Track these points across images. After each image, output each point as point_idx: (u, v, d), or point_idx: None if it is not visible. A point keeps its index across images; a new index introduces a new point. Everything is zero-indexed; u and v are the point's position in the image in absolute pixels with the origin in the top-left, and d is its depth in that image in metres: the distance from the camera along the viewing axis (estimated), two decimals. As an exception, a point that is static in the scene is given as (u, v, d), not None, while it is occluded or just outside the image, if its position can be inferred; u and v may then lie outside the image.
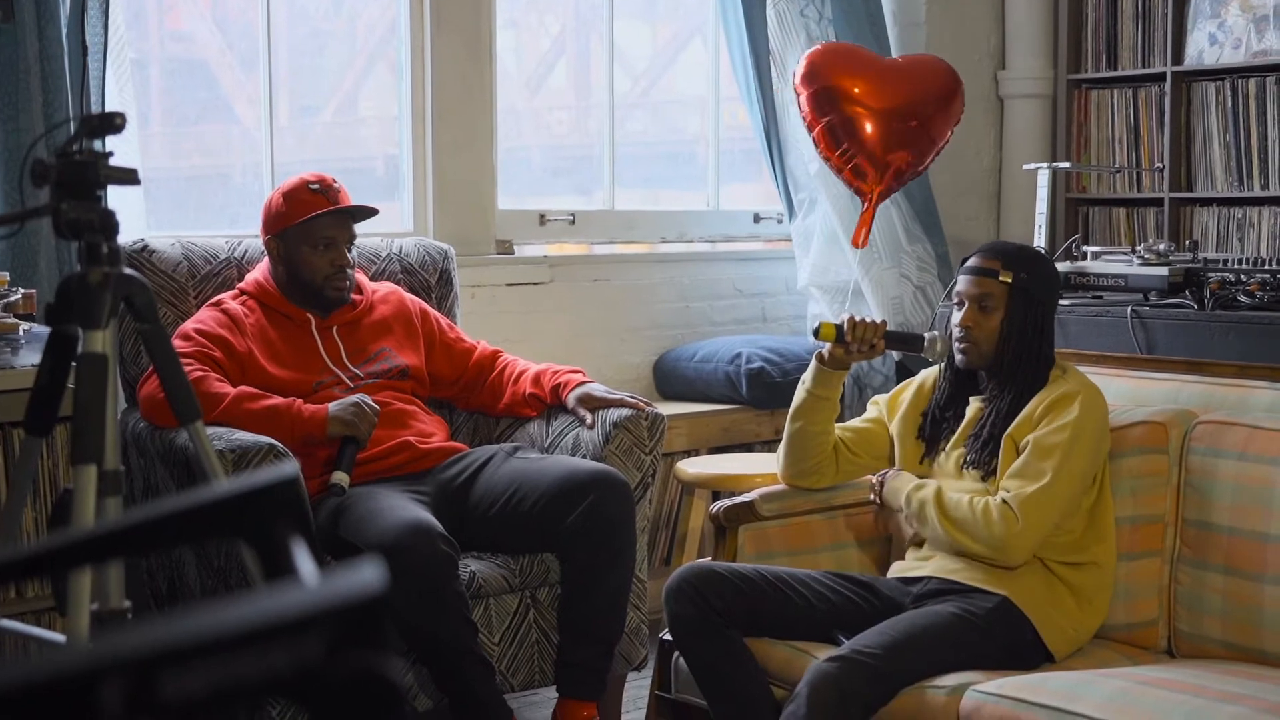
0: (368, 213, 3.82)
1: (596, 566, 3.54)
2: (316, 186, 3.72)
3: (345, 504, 3.48)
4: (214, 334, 3.63)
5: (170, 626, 0.82)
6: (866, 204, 4.84)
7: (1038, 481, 3.03)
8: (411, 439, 3.73)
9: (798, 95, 4.85)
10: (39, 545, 1.17)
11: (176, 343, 3.60)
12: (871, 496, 3.33)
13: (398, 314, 3.91)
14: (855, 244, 4.91)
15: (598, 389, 3.81)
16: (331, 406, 3.54)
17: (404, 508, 3.40)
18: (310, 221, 3.69)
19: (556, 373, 3.89)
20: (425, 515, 3.38)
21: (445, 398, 4.04)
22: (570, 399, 3.79)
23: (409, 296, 4.00)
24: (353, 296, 3.82)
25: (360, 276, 3.89)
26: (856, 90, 4.77)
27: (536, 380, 3.90)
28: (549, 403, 3.89)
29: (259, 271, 3.82)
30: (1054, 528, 3.08)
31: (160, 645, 0.82)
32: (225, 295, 3.79)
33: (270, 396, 3.53)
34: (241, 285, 3.81)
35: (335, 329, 3.78)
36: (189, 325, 3.67)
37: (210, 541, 3.32)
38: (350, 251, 3.76)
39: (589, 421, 3.73)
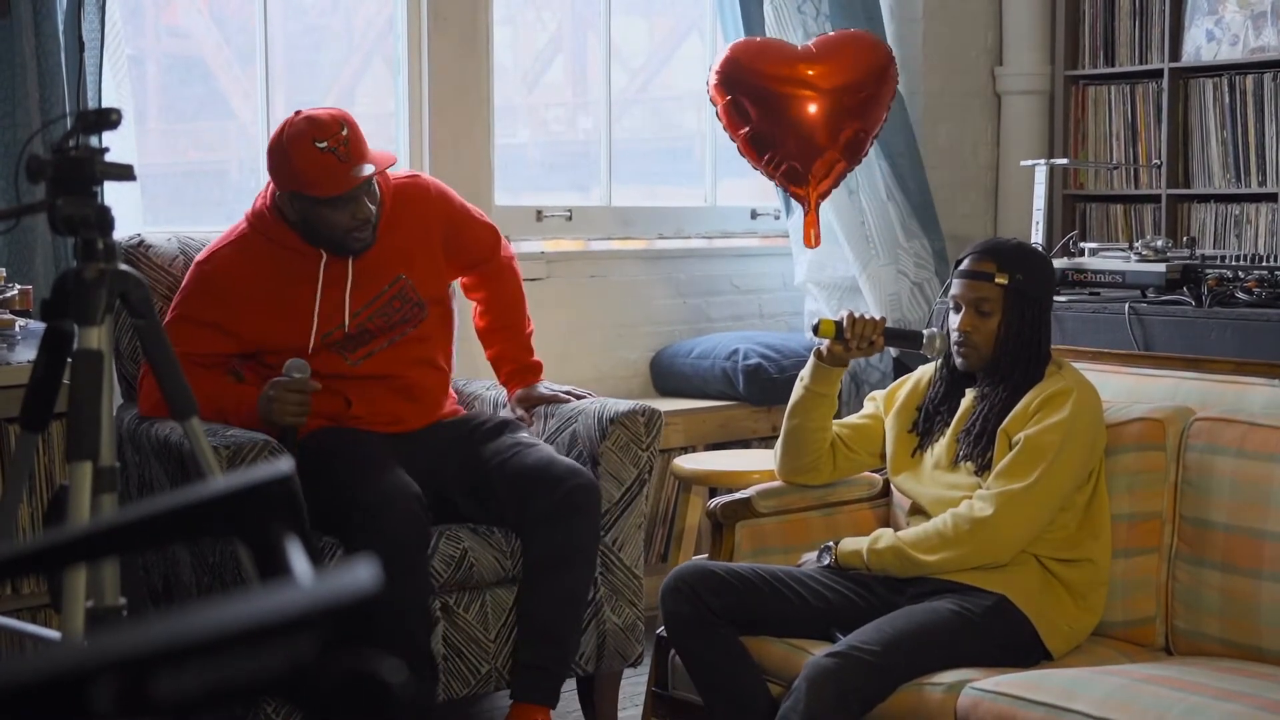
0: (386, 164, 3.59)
1: (556, 560, 3.52)
2: (324, 145, 3.43)
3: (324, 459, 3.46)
4: (199, 319, 3.55)
5: (164, 625, 0.82)
6: (807, 209, 4.83)
7: (1021, 481, 3.02)
8: (407, 416, 3.69)
9: (714, 105, 4.80)
10: (34, 543, 1.16)
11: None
12: (825, 561, 3.19)
13: (420, 222, 3.70)
14: (807, 244, 4.89)
15: (540, 386, 3.79)
16: (259, 403, 3.41)
17: (385, 470, 3.41)
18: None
19: (512, 371, 3.83)
20: (406, 480, 3.40)
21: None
22: (511, 402, 3.75)
23: (433, 189, 3.78)
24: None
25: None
26: (778, 90, 4.72)
27: (496, 359, 3.87)
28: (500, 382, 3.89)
29: (262, 200, 3.60)
30: (1045, 524, 3.07)
31: (154, 644, 0.81)
32: (220, 242, 3.63)
33: (225, 394, 3.47)
34: (246, 215, 3.61)
35: (349, 260, 3.59)
36: (172, 313, 3.57)
37: (205, 539, 3.32)
38: (371, 195, 3.54)
39: (526, 419, 3.68)
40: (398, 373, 3.68)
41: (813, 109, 4.69)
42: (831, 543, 3.20)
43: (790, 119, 4.70)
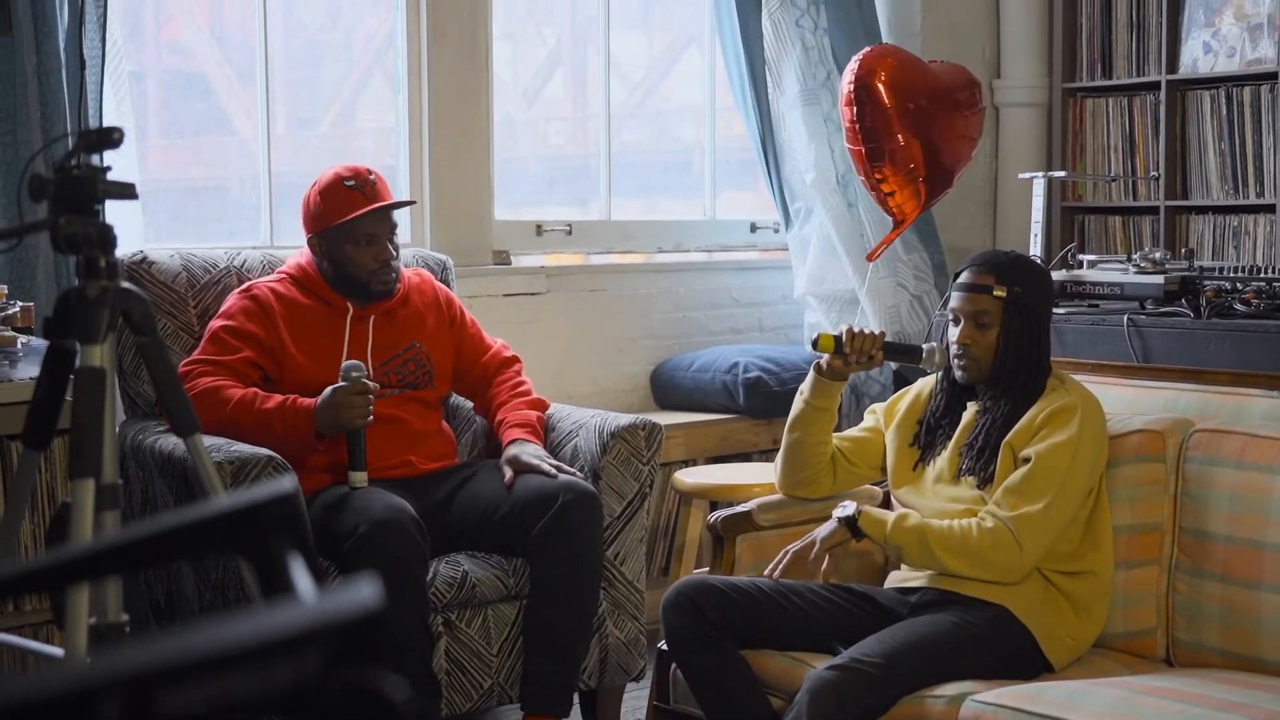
0: (404, 205, 3.88)
1: (560, 574, 3.53)
2: (352, 182, 3.70)
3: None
4: (243, 331, 3.64)
5: (168, 643, 0.83)
6: (899, 223, 4.89)
7: (1038, 503, 3.02)
8: (415, 460, 3.73)
9: (843, 111, 4.85)
10: (37, 562, 1.17)
11: (205, 344, 3.64)
12: (848, 512, 3.13)
13: (431, 305, 3.90)
14: (869, 259, 4.95)
15: (526, 452, 3.67)
16: (317, 404, 3.50)
17: (382, 496, 3.44)
18: (350, 221, 3.69)
19: (511, 428, 3.78)
20: (403, 503, 3.41)
21: (455, 390, 4.05)
22: (502, 459, 3.71)
23: (438, 284, 4.00)
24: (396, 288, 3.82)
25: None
26: (905, 108, 4.78)
27: (500, 424, 3.84)
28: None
29: (302, 255, 3.81)
30: (1055, 542, 3.08)
31: (158, 662, 0.82)
32: (263, 279, 3.79)
33: (271, 399, 3.53)
34: (284, 268, 3.81)
35: (371, 319, 3.76)
36: (218, 323, 3.67)
37: (208, 557, 3.32)
38: (393, 241, 3.77)
39: (507, 480, 3.62)
40: (404, 417, 3.75)
41: (914, 150, 4.78)
42: (854, 505, 3.16)
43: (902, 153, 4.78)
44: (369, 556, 3.28)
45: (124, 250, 3.40)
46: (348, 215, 3.68)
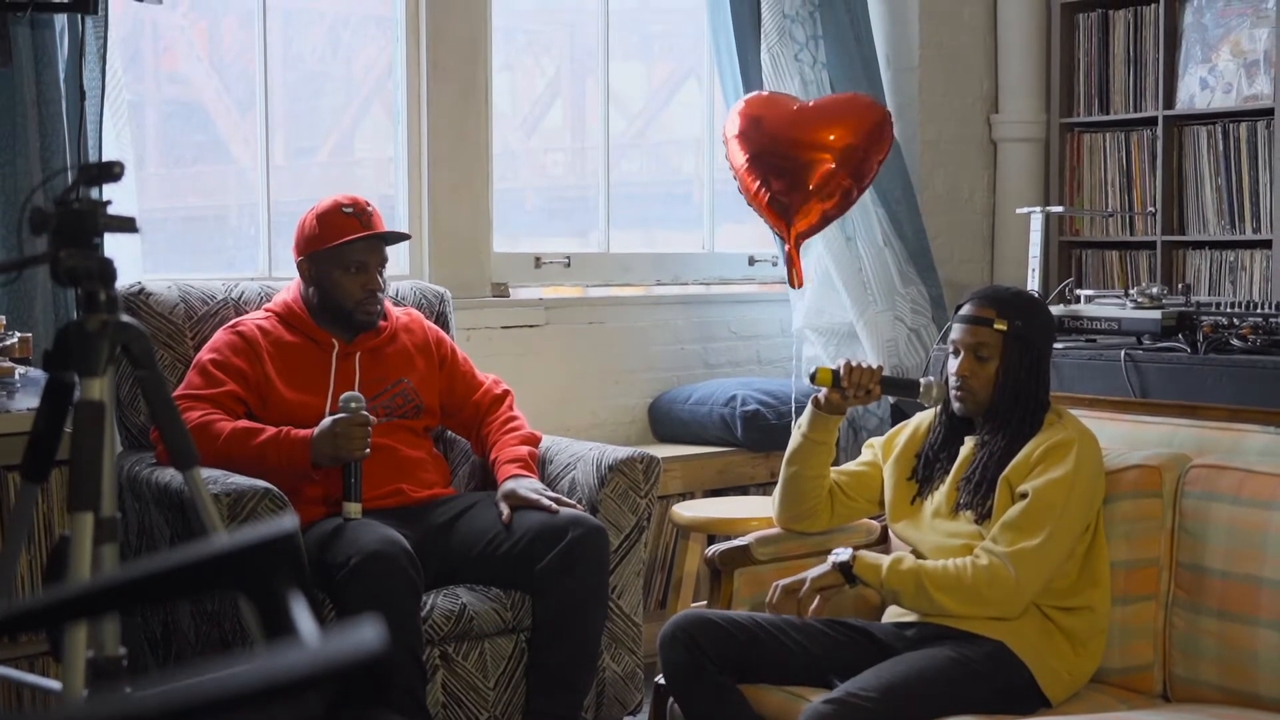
0: (400, 237, 3.88)
1: (567, 609, 3.53)
2: (350, 209, 3.73)
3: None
4: (229, 365, 3.64)
5: (175, 687, 0.83)
6: (788, 245, 4.83)
7: (1034, 537, 3.02)
8: (406, 488, 3.73)
9: (725, 142, 4.84)
10: (36, 601, 1.17)
11: (191, 376, 3.64)
12: (843, 558, 3.13)
13: (421, 344, 3.91)
14: (793, 285, 4.88)
15: (523, 486, 3.67)
16: (314, 435, 3.50)
17: (375, 528, 3.43)
18: (343, 245, 3.70)
19: (505, 465, 3.79)
20: (396, 535, 3.40)
21: (448, 427, 4.05)
22: (498, 494, 3.70)
23: (428, 324, 4.01)
24: (379, 322, 3.83)
25: (385, 301, 3.89)
26: (783, 134, 4.76)
27: (493, 462, 3.85)
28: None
29: (289, 292, 3.83)
30: (1052, 577, 3.08)
31: (167, 705, 0.82)
32: (249, 316, 3.80)
33: (264, 431, 3.53)
34: (270, 305, 3.83)
35: (358, 356, 3.77)
36: (204, 356, 3.68)
37: (209, 595, 3.32)
38: (381, 275, 3.78)
39: (505, 517, 3.62)
40: (393, 445, 3.75)
41: (811, 166, 4.73)
42: (850, 550, 3.17)
43: (786, 168, 4.72)
44: (361, 588, 3.27)
45: (122, 280, 3.40)
46: (342, 239, 3.70)
